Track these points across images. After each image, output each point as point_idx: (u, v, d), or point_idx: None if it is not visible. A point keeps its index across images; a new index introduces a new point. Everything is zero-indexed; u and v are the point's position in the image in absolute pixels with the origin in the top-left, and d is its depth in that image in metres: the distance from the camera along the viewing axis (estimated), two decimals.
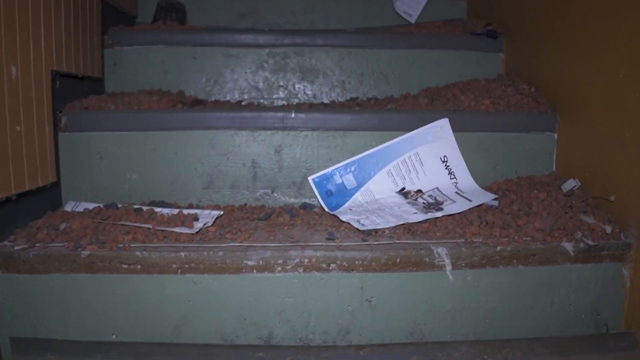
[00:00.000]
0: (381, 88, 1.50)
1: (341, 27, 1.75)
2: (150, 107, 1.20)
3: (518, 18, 1.46)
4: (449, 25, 1.60)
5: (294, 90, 1.48)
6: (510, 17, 1.50)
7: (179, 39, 1.45)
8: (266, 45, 1.47)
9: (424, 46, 1.49)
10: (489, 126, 1.24)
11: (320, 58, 1.48)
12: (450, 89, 1.43)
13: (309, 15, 1.76)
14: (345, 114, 1.19)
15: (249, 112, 1.18)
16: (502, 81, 1.40)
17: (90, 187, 1.19)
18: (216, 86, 1.47)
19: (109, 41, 1.45)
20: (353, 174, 1.19)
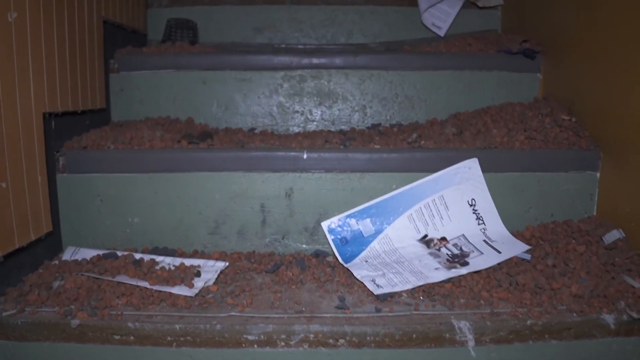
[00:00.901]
0: (405, 113, 1.40)
1: (364, 42, 1.65)
2: (153, 147, 1.14)
3: (559, 34, 1.33)
4: (481, 41, 1.48)
5: (311, 116, 1.40)
6: (549, 32, 1.37)
7: (188, 62, 1.38)
8: (281, 68, 1.38)
9: (453, 67, 1.38)
10: (524, 166, 1.13)
11: (340, 81, 1.38)
12: (481, 116, 1.32)
13: (329, 28, 1.66)
14: (362, 153, 1.11)
15: (258, 152, 1.11)
16: (539, 109, 1.28)
17: (91, 231, 1.14)
18: (227, 112, 1.40)
19: (114, 66, 1.39)
20: (370, 220, 1.11)
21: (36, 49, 0.99)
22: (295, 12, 1.66)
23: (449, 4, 1.61)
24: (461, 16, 1.63)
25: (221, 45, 1.65)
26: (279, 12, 1.66)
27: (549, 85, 1.38)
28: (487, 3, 1.63)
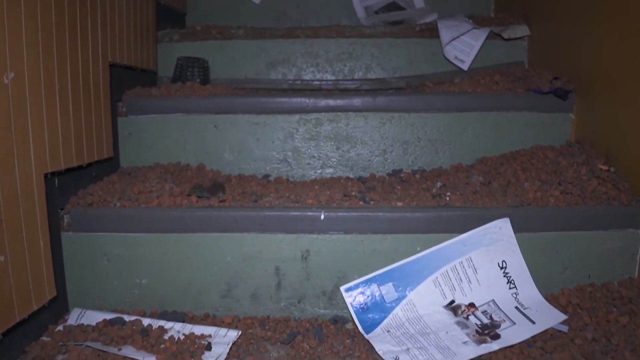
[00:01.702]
0: (429, 158, 1.34)
1: (383, 76, 1.60)
2: (160, 204, 1.09)
3: (593, 71, 1.26)
4: (508, 78, 1.41)
5: (328, 161, 1.34)
6: (582, 68, 1.30)
7: (198, 105, 1.34)
8: (296, 111, 1.33)
9: (479, 108, 1.32)
10: (559, 225, 1.07)
11: (358, 124, 1.33)
12: (510, 163, 1.26)
13: (346, 62, 1.61)
14: (383, 212, 1.05)
15: (272, 212, 1.05)
16: (574, 156, 1.21)
17: (98, 292, 1.09)
18: (240, 157, 1.35)
19: (122, 109, 1.35)
20: (393, 284, 1.05)
21: (36, 107, 0.95)
22: (311, 46, 1.61)
23: (473, 36, 1.54)
24: (485, 48, 1.56)
25: (235, 81, 1.60)
26: (294, 46, 1.61)
27: (583, 127, 1.31)
28: (513, 34, 1.56)
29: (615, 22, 1.16)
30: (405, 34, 1.59)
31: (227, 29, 1.62)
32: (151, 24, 1.54)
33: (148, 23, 1.52)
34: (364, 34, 1.60)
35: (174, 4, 1.76)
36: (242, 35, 1.62)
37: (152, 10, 1.55)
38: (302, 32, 1.61)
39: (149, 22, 1.52)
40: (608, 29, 1.19)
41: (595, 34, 1.24)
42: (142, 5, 1.46)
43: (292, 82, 1.59)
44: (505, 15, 1.66)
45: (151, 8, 1.54)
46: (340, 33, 1.60)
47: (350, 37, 1.60)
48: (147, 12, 1.51)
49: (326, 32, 1.60)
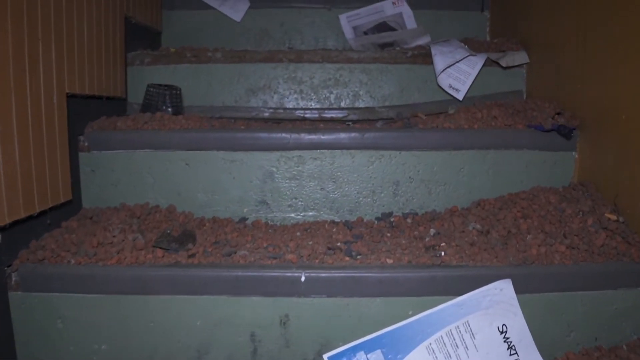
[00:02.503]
0: (421, 200, 1.25)
1: (372, 105, 1.51)
2: (120, 262, 0.99)
3: (601, 106, 1.19)
4: (507, 111, 1.33)
5: (311, 203, 1.25)
6: (588, 103, 1.23)
7: (168, 141, 1.24)
8: (276, 148, 1.23)
9: (477, 146, 1.24)
10: (565, 284, 0.99)
11: (345, 163, 1.24)
12: (510, 208, 1.18)
13: (332, 89, 1.52)
14: (372, 272, 0.96)
15: (246, 272, 0.96)
16: (578, 203, 1.13)
17: (51, 358, 0.98)
18: (214, 198, 1.25)
19: (84, 144, 1.25)
20: (382, 351, 0.95)
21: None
22: (294, 71, 1.52)
23: (469, 64, 1.46)
24: (482, 75, 1.48)
25: (211, 109, 1.50)
26: (276, 71, 1.52)
27: (587, 167, 1.23)
28: (511, 62, 1.48)
29: (629, 53, 1.07)
30: (396, 60, 1.50)
31: (204, 52, 1.52)
32: (119, 47, 1.44)
33: (116, 45, 1.41)
34: (352, 59, 1.51)
35: (147, 22, 1.66)
36: (219, 59, 1.52)
37: (120, 31, 1.44)
38: (284, 55, 1.51)
39: (116, 45, 1.42)
40: (620, 61, 1.10)
41: (604, 64, 1.16)
42: (108, 26, 1.36)
43: (273, 110, 1.50)
44: (503, 41, 1.58)
45: (119, 29, 1.44)
46: (326, 57, 1.51)
47: (337, 62, 1.51)
48: (115, 34, 1.41)
49: (311, 57, 1.51)
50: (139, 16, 1.58)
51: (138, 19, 1.57)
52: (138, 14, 1.57)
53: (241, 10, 1.78)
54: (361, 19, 1.78)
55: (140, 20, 1.59)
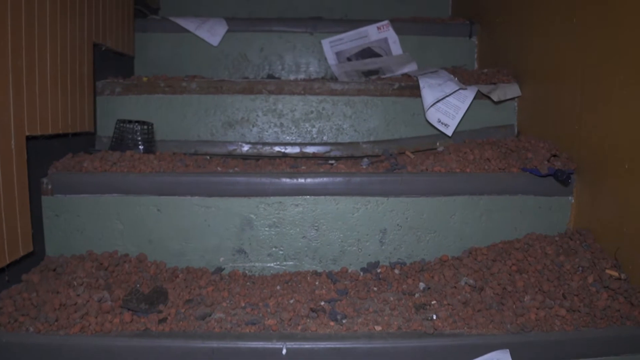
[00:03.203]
0: (409, 248, 1.19)
1: (356, 140, 1.44)
2: (84, 330, 0.91)
3: (601, 148, 1.13)
4: (500, 151, 1.27)
5: (292, 252, 1.18)
6: (587, 144, 1.17)
7: (138, 185, 1.16)
8: (254, 194, 1.16)
9: (469, 192, 1.18)
10: (565, 351, 0.93)
11: (328, 209, 1.17)
12: (504, 259, 1.12)
13: (315, 122, 1.44)
14: (359, 342, 0.89)
15: (223, 343, 0.88)
16: (576, 255, 1.08)
17: None
18: (189, 247, 1.17)
19: (47, 187, 1.16)
20: None
21: None
22: (275, 103, 1.44)
23: (459, 97, 1.40)
24: (472, 108, 1.42)
25: (186, 143, 1.42)
26: (255, 103, 1.44)
27: (585, 213, 1.18)
28: (503, 96, 1.42)
29: (635, 94, 1.01)
30: (382, 92, 1.44)
31: (178, 82, 1.44)
32: (88, 77, 1.35)
33: (83, 77, 1.32)
34: (336, 91, 1.44)
35: (118, 48, 1.57)
36: (195, 90, 1.43)
37: (89, 60, 1.35)
38: (264, 87, 1.43)
39: (84, 76, 1.33)
40: (624, 103, 1.04)
41: (605, 106, 1.10)
42: (74, 56, 1.27)
43: (252, 145, 1.42)
44: (494, 72, 1.52)
45: (88, 58, 1.35)
46: (309, 89, 1.43)
47: (320, 94, 1.44)
48: (83, 64, 1.32)
49: (292, 88, 1.43)
50: (109, 42, 1.49)
51: (108, 45, 1.48)
52: (108, 40, 1.48)
53: (218, 34, 1.70)
54: (345, 44, 1.71)
55: (110, 46, 1.50)
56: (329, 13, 2.08)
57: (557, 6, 1.27)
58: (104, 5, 1.44)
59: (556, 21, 1.27)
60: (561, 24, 1.25)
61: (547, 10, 1.31)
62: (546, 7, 1.32)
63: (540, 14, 1.35)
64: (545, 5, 1.33)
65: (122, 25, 1.58)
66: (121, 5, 1.57)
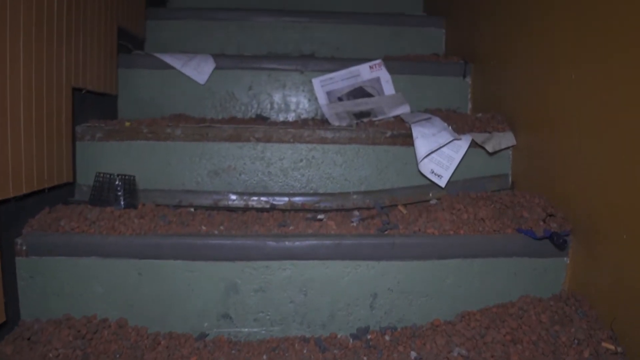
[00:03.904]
0: (400, 312, 1.16)
1: (346, 190, 1.40)
2: None
3: (597, 215, 1.10)
4: (494, 210, 1.24)
5: (279, 317, 1.14)
6: (583, 206, 1.14)
7: (117, 248, 1.12)
8: (239, 258, 1.12)
9: (462, 255, 1.15)
10: None
11: (317, 273, 1.14)
12: (498, 327, 1.09)
13: (304, 170, 1.41)
14: None
15: None
16: (572, 324, 1.06)
17: None
18: (171, 311, 1.13)
19: (22, 247, 1.12)
20: None
21: None
22: (263, 151, 1.40)
23: (453, 148, 1.37)
24: (465, 157, 1.39)
25: (170, 193, 1.38)
26: (243, 151, 1.40)
27: (580, 275, 1.16)
28: (498, 146, 1.40)
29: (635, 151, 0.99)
30: (374, 140, 1.40)
31: (162, 127, 1.40)
32: (66, 124, 1.31)
33: (61, 126, 1.28)
34: (326, 139, 1.40)
35: (100, 89, 1.52)
36: (179, 136, 1.39)
37: (67, 106, 1.31)
38: (252, 134, 1.40)
39: (62, 124, 1.29)
40: (627, 168, 1.01)
41: (605, 167, 1.07)
42: (51, 104, 1.23)
43: (238, 196, 1.38)
44: (488, 118, 1.49)
45: (66, 104, 1.31)
46: (298, 137, 1.40)
47: (310, 142, 1.40)
48: (61, 112, 1.28)
49: (281, 136, 1.39)
50: (90, 84, 1.44)
51: (89, 87, 1.44)
52: (89, 83, 1.44)
53: (205, 72, 1.66)
54: (336, 84, 1.68)
55: (92, 88, 1.46)
56: (319, 47, 2.04)
57: (557, 60, 1.24)
58: (84, 45, 1.40)
59: (554, 73, 1.25)
60: (559, 76, 1.22)
61: (545, 61, 1.29)
62: (544, 57, 1.29)
63: (537, 63, 1.32)
64: (543, 55, 1.30)
65: (104, 64, 1.54)
66: (103, 44, 1.53)
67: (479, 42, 1.71)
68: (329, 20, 2.04)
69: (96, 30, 1.47)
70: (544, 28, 1.30)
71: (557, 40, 1.23)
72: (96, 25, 1.47)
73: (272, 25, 2.03)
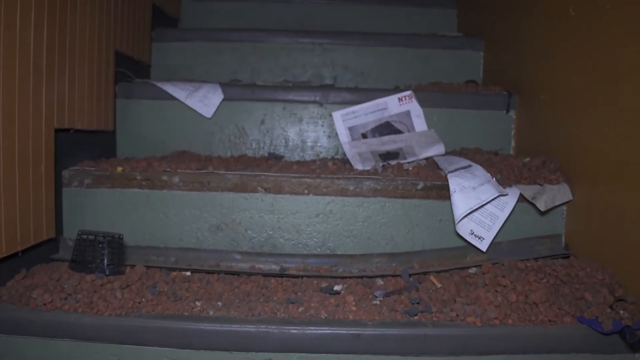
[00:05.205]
0: None
1: (368, 252, 1.21)
2: None
3: None
4: (547, 288, 1.04)
5: None
6: None
7: (94, 330, 0.95)
8: (238, 349, 0.93)
9: (509, 351, 0.95)
10: None
11: None
12: None
13: (320, 226, 1.22)
14: None
15: None
16: None
17: None
18: None
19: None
20: None
21: None
22: (272, 204, 1.21)
23: (499, 204, 1.17)
24: (511, 215, 1.18)
25: (165, 251, 1.21)
26: (249, 202, 1.21)
27: None
28: (551, 203, 1.18)
29: None
30: (403, 193, 1.20)
31: (157, 173, 1.22)
32: (46, 172, 1.15)
33: (39, 175, 1.12)
34: (347, 191, 1.20)
35: (93, 127, 1.35)
36: (177, 185, 1.21)
37: (48, 152, 1.15)
38: (260, 183, 1.21)
39: (40, 174, 1.12)
40: None
41: None
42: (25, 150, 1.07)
43: (243, 255, 1.19)
44: (537, 165, 1.27)
45: (47, 149, 1.14)
46: (314, 188, 1.20)
47: (327, 194, 1.21)
48: (39, 158, 1.12)
49: (294, 187, 1.20)
50: (79, 123, 1.27)
51: (78, 126, 1.27)
52: (78, 121, 1.27)
53: (212, 104, 1.48)
54: (359, 118, 1.48)
55: (81, 127, 1.29)
56: (341, 72, 1.84)
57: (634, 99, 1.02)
58: (71, 77, 1.22)
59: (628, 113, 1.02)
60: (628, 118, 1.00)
61: (615, 100, 1.06)
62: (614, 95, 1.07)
63: (604, 100, 1.10)
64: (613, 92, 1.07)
65: (97, 98, 1.36)
66: (96, 74, 1.35)
67: (526, 70, 1.48)
68: (352, 41, 1.84)
69: (87, 57, 1.30)
70: (622, 60, 1.07)
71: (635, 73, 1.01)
72: (87, 51, 1.29)
73: (289, 47, 1.84)
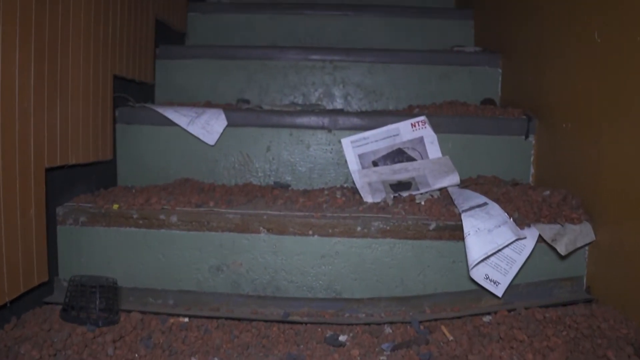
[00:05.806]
0: None
1: (377, 294, 1.14)
2: None
3: None
4: (567, 342, 0.95)
5: None
6: None
7: None
8: None
9: None
10: None
11: None
12: None
13: (325, 268, 1.16)
14: None
15: None
16: None
17: None
18: None
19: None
20: None
21: None
22: (275, 246, 1.15)
23: (516, 247, 1.09)
24: (531, 259, 1.11)
25: (163, 294, 1.15)
26: (251, 242, 1.15)
27: None
28: (572, 246, 1.11)
29: None
30: (415, 234, 1.13)
31: (154, 212, 1.17)
32: (37, 214, 1.10)
33: (29, 219, 1.07)
34: (354, 232, 1.14)
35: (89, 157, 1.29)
36: (175, 224, 1.16)
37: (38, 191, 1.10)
38: (261, 224, 1.15)
39: (30, 218, 1.07)
40: None
41: None
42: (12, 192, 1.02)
43: (245, 299, 1.13)
44: (558, 200, 1.18)
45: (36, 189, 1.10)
46: (319, 230, 1.14)
47: (333, 235, 1.14)
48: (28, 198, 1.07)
49: (298, 229, 1.14)
50: (73, 157, 1.22)
51: (73, 161, 1.22)
52: (73, 156, 1.22)
53: (216, 131, 1.42)
54: (370, 145, 1.40)
55: (77, 161, 1.24)
56: (352, 91, 1.77)
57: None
58: (63, 108, 1.17)
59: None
60: None
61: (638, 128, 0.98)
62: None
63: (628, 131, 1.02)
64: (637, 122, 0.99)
65: (93, 126, 1.31)
66: (92, 100, 1.30)
67: (548, 91, 1.39)
68: (364, 58, 1.76)
69: (81, 86, 1.24)
70: None
71: None
72: (81, 80, 1.24)
73: (298, 65, 1.77)
